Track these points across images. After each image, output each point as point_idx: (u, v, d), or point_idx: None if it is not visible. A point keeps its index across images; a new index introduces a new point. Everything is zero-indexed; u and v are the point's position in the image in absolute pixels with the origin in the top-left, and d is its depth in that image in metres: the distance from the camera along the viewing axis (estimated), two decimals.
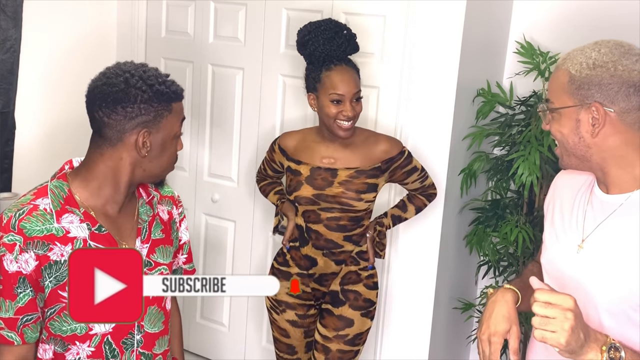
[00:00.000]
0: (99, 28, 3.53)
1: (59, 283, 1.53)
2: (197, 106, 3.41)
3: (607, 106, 1.42)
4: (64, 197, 1.56)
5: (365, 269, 2.55)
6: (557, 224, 1.61)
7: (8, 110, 3.12)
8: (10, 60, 3.09)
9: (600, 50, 1.44)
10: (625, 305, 1.43)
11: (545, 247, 1.64)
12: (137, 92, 1.53)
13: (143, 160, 1.59)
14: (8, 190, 3.16)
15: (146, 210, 1.70)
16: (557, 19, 2.96)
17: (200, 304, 3.59)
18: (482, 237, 2.85)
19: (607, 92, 1.42)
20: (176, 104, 1.61)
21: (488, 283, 3.08)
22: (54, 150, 3.28)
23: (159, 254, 1.71)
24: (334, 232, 2.49)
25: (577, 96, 1.44)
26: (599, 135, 1.44)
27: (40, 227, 1.52)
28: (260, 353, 3.41)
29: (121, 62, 1.61)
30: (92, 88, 1.57)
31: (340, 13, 2.95)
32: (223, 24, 3.30)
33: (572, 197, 1.60)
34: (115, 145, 1.56)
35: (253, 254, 3.37)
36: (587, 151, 1.47)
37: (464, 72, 2.76)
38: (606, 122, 1.43)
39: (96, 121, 1.56)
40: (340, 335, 2.52)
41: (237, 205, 3.38)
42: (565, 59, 1.48)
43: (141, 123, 1.54)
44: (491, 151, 3.01)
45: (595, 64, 1.42)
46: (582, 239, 1.52)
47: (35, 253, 1.50)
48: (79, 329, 1.57)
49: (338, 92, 2.38)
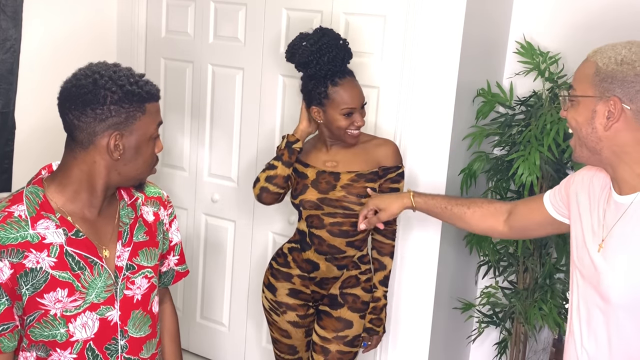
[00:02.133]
0: (99, 28, 3.53)
1: (37, 290, 1.49)
2: (197, 106, 3.41)
3: (626, 103, 1.46)
4: (39, 202, 1.52)
5: (365, 272, 2.55)
6: (583, 222, 1.64)
7: (8, 110, 3.12)
8: (10, 60, 3.09)
9: (632, 48, 1.47)
10: (636, 302, 1.47)
11: (573, 245, 1.67)
12: (107, 92, 1.48)
13: (117, 163, 1.54)
14: (8, 190, 3.16)
15: (127, 212, 1.66)
16: (557, 19, 2.96)
17: (200, 304, 3.59)
18: (482, 237, 2.84)
19: (628, 89, 1.45)
20: (150, 105, 1.55)
21: (488, 283, 3.08)
22: (54, 151, 3.27)
23: (142, 257, 1.67)
24: (337, 238, 2.48)
25: (599, 88, 1.48)
26: (611, 129, 1.48)
27: (14, 234, 1.48)
28: (260, 353, 3.41)
29: (93, 62, 1.56)
30: (62, 90, 1.52)
31: (341, 13, 2.95)
32: (223, 24, 3.30)
33: (594, 195, 1.63)
34: (87, 149, 1.52)
35: (253, 254, 3.37)
36: (597, 143, 1.51)
37: (464, 72, 2.76)
38: (621, 117, 1.47)
39: (67, 124, 1.52)
40: (339, 336, 2.52)
41: (237, 205, 3.38)
42: (596, 52, 1.52)
43: (112, 125, 1.49)
44: (491, 151, 3.01)
45: (623, 61, 1.46)
46: (602, 239, 1.55)
47: (10, 261, 1.46)
48: (59, 336, 1.54)
49: (350, 106, 2.39)
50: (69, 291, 1.52)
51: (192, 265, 3.57)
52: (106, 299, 1.58)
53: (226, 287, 3.49)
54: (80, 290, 1.54)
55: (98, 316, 1.57)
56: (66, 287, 1.52)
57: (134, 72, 1.55)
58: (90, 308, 1.56)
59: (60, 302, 1.52)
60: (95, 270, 1.56)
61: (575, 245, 1.66)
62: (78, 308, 1.54)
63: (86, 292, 1.55)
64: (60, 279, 1.51)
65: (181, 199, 3.54)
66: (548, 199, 1.86)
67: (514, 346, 2.94)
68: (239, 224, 3.39)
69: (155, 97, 1.56)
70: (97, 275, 1.56)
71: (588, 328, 1.59)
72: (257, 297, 3.37)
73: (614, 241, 1.52)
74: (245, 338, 3.45)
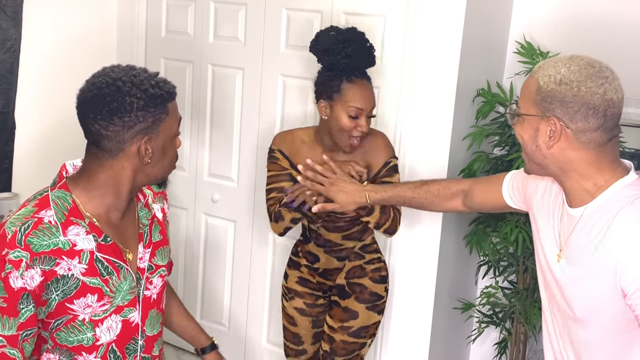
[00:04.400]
0: (99, 28, 3.53)
1: (67, 296, 1.48)
2: (197, 106, 3.41)
3: (565, 123, 1.45)
4: (68, 208, 1.50)
5: (371, 262, 2.55)
6: (540, 231, 1.67)
7: (8, 110, 3.12)
8: (10, 60, 3.09)
9: (571, 67, 1.46)
10: (591, 311, 1.50)
11: (537, 247, 1.70)
12: (132, 99, 1.45)
13: (146, 166, 1.53)
14: (8, 190, 3.16)
15: (145, 213, 1.66)
16: (557, 19, 2.96)
17: (200, 304, 3.59)
18: (482, 237, 2.85)
19: (567, 109, 1.44)
20: (171, 104, 1.54)
21: (488, 283, 3.08)
22: (54, 150, 3.28)
23: (159, 257, 1.69)
24: (332, 233, 2.50)
25: (540, 107, 1.48)
26: (553, 147, 1.48)
27: (47, 241, 1.45)
28: (260, 353, 3.41)
29: (107, 67, 1.53)
30: (82, 99, 1.49)
31: (341, 13, 2.95)
32: (223, 24, 3.30)
33: (549, 203, 1.65)
34: (116, 157, 1.50)
35: (253, 254, 3.37)
36: (543, 160, 1.52)
37: (464, 72, 2.76)
38: (562, 137, 1.47)
39: (92, 134, 1.49)
40: (344, 326, 2.53)
41: (237, 205, 3.38)
42: (540, 68, 1.51)
43: (141, 131, 1.48)
44: (491, 151, 3.01)
45: (562, 81, 1.45)
46: (560, 249, 1.57)
47: (42, 269, 1.44)
48: (86, 340, 1.53)
49: (358, 106, 2.32)
50: (99, 296, 1.52)
51: (192, 265, 3.58)
52: (129, 301, 1.59)
53: (226, 287, 3.49)
54: (108, 295, 1.54)
55: (121, 318, 1.58)
56: (96, 293, 1.52)
57: (150, 73, 1.53)
58: (116, 311, 1.56)
59: (89, 307, 1.52)
60: (121, 274, 1.56)
61: (539, 248, 1.68)
62: (105, 312, 1.54)
63: (114, 296, 1.55)
64: (90, 285, 1.51)
65: (181, 199, 3.54)
66: (506, 190, 1.88)
67: (514, 346, 2.95)
68: (239, 224, 3.39)
69: (174, 94, 1.55)
70: (123, 278, 1.56)
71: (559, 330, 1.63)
72: (258, 297, 3.37)
73: (570, 254, 1.54)
74: (245, 338, 3.45)
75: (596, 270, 1.46)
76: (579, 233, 1.51)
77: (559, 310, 1.60)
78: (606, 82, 1.44)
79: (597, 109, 1.43)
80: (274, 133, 3.19)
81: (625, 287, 1.41)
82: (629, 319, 1.46)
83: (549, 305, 1.66)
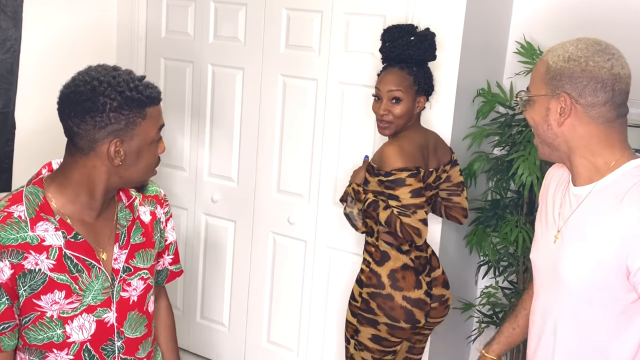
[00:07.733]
0: (99, 28, 3.53)
1: (34, 292, 1.49)
2: (197, 106, 3.41)
3: (575, 98, 1.50)
4: (39, 204, 1.51)
5: (363, 262, 2.55)
6: (542, 219, 1.69)
7: (8, 110, 3.12)
8: (10, 60, 3.09)
9: (579, 45, 1.52)
10: (592, 288, 1.50)
11: (534, 241, 1.72)
12: (106, 100, 1.45)
13: (118, 168, 1.52)
14: (8, 190, 3.16)
15: (125, 214, 1.65)
16: (557, 19, 2.96)
17: (200, 304, 3.59)
18: (482, 237, 2.85)
19: (576, 85, 1.49)
20: (151, 109, 1.52)
21: (488, 283, 3.08)
22: (54, 150, 3.27)
23: (139, 259, 1.67)
24: None
25: (550, 86, 1.53)
26: (564, 124, 1.52)
27: (14, 235, 1.47)
28: (260, 353, 3.41)
29: (93, 65, 1.53)
30: (61, 95, 1.51)
31: (341, 13, 2.95)
32: (223, 24, 3.30)
33: (555, 192, 1.68)
34: (88, 155, 1.50)
35: (253, 254, 3.37)
36: (554, 139, 1.55)
37: (464, 72, 2.76)
38: (572, 112, 1.51)
39: (68, 130, 1.51)
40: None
41: (237, 205, 3.38)
42: (549, 51, 1.57)
43: (112, 132, 1.48)
44: (491, 151, 3.01)
45: (570, 58, 1.50)
46: (558, 230, 1.59)
47: (10, 262, 1.46)
48: (56, 337, 1.54)
49: (377, 86, 2.45)
50: (67, 293, 1.52)
51: (192, 265, 3.58)
52: (103, 301, 1.58)
53: (226, 287, 3.49)
54: (77, 293, 1.54)
55: (95, 318, 1.57)
56: (64, 289, 1.52)
57: (134, 76, 1.52)
58: (87, 310, 1.56)
59: (57, 304, 1.52)
60: (92, 272, 1.56)
61: (534, 242, 1.71)
62: (75, 310, 1.54)
63: (83, 294, 1.55)
64: (58, 281, 1.51)
65: (181, 199, 3.54)
66: None
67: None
68: (239, 224, 3.39)
69: (156, 100, 1.54)
70: (95, 277, 1.56)
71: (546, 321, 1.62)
72: (258, 297, 3.37)
73: (569, 231, 1.56)
74: (245, 338, 3.45)
75: (599, 247, 1.47)
76: (584, 210, 1.53)
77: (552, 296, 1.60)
78: (613, 58, 1.50)
79: (605, 82, 1.48)
80: (274, 133, 3.20)
81: (630, 265, 1.43)
82: (620, 298, 1.47)
83: (541, 292, 1.65)
